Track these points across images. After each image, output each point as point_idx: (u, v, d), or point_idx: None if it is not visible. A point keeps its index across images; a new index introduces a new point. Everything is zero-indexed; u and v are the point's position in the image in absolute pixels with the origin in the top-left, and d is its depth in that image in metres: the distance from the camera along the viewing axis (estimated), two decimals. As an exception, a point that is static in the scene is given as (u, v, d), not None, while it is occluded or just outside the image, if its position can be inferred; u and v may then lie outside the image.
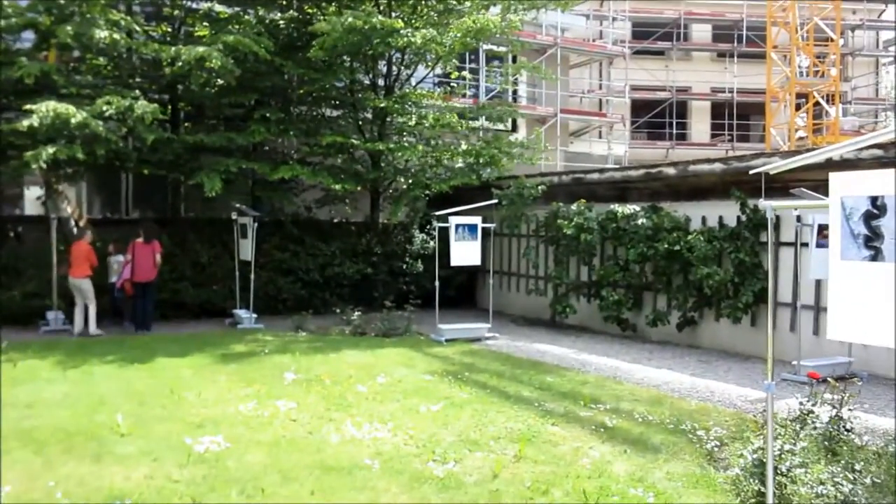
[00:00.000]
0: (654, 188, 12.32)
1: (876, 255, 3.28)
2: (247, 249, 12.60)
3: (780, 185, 10.13)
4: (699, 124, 30.37)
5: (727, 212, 11.00)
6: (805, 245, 8.94)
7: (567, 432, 6.22)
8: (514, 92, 22.30)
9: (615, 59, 26.80)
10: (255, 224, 12.41)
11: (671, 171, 11.87)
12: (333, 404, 6.94)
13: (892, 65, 32.78)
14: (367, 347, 10.26)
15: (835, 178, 3.43)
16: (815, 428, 5.80)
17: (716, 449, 5.91)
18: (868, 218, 3.30)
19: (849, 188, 3.36)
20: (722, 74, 29.51)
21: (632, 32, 28.59)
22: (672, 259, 11.32)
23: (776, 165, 3.93)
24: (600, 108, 26.71)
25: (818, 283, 9.74)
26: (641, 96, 28.60)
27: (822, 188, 8.82)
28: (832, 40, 26.61)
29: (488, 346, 11.03)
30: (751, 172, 3.26)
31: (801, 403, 6.05)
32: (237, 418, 6.43)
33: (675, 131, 29.09)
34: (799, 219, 9.14)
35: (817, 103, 26.55)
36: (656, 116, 29.27)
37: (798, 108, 26.35)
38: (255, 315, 12.46)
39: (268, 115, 13.39)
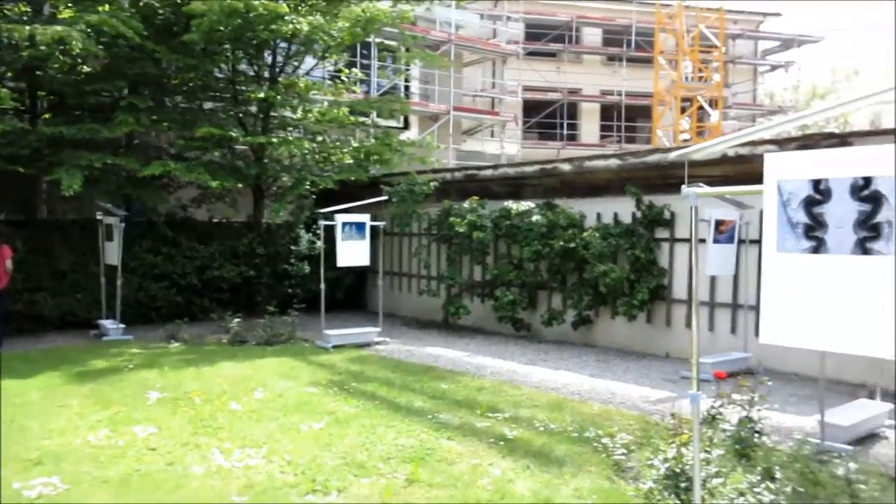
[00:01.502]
0: (548, 185, 12.01)
1: (818, 247, 2.85)
2: (113, 253, 11.42)
3: (676, 182, 10.01)
4: (589, 125, 30.73)
5: (623, 208, 10.80)
6: (702, 241, 8.76)
7: (464, 447, 5.65)
8: (407, 88, 21.74)
9: (508, 58, 26.66)
10: (123, 225, 11.27)
11: (566, 167, 11.57)
12: (201, 427, 6.10)
13: (769, 73, 34.32)
14: (245, 358, 9.38)
15: (771, 160, 2.99)
16: (724, 430, 5.49)
17: (623, 458, 5.50)
18: (809, 204, 2.87)
19: (787, 170, 2.92)
20: (611, 77, 29.97)
21: (525, 33, 28.59)
22: (567, 257, 11.02)
23: (698, 148, 3.48)
24: (493, 107, 26.50)
25: (713, 279, 9.63)
26: (533, 97, 28.64)
27: (716, 184, 8.69)
28: (716, 48, 27.49)
29: (378, 351, 10.37)
30: (672, 156, 2.89)
31: (711, 407, 5.74)
32: (84, 451, 5.49)
33: (565, 132, 29.30)
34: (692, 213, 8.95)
35: (701, 107, 27.35)
36: (548, 117, 29.41)
37: (683, 111, 27.04)
38: (122, 325, 11.29)
39: (137, 104, 12.21)
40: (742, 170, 9.23)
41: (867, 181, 2.69)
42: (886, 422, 6.32)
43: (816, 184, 2.83)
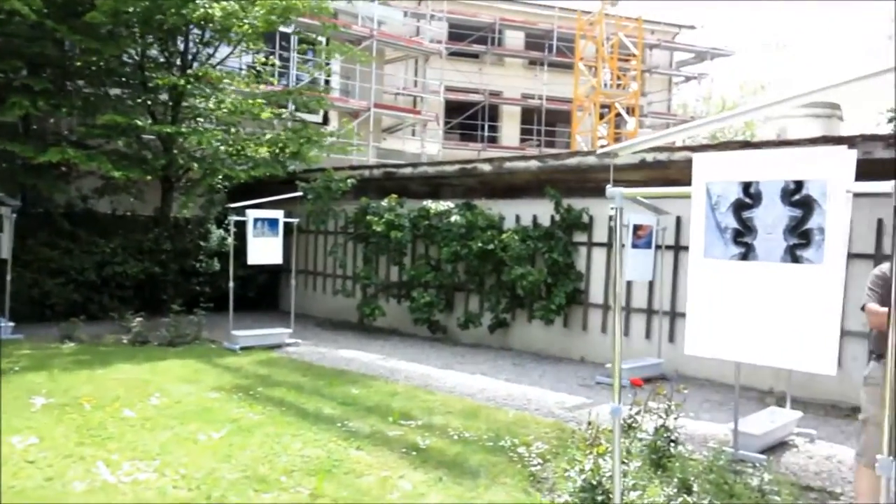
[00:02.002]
0: (468, 185, 11.83)
1: (746, 254, 2.70)
2: (3, 246, 10.61)
3: (595, 186, 9.99)
4: (510, 128, 30.84)
5: (542, 210, 10.71)
6: (621, 245, 8.72)
7: (374, 458, 5.36)
8: (327, 83, 21.23)
9: (431, 57, 26.48)
10: (14, 216, 10.49)
11: (486, 167, 11.42)
12: (88, 437, 5.59)
13: (683, 83, 35.26)
14: (145, 360, 8.82)
15: (700, 160, 2.82)
16: (640, 440, 5.39)
17: (539, 467, 5.33)
18: (738, 208, 2.72)
19: (716, 172, 2.77)
20: (533, 81, 30.14)
21: (448, 34, 28.42)
22: (485, 258, 10.87)
23: (624, 146, 3.31)
24: (415, 105, 26.27)
25: (629, 284, 9.63)
26: (455, 97, 28.52)
27: (636, 187, 8.70)
28: (634, 56, 28.00)
29: (289, 353, 9.95)
30: (598, 152, 2.72)
31: (629, 416, 5.63)
32: (-51, 460, 4.95)
33: (486, 133, 29.31)
34: (612, 218, 8.93)
35: (619, 114, 27.80)
36: (469, 118, 29.34)
37: (602, 117, 27.42)
38: (12, 324, 10.46)
39: (33, 86, 11.39)
40: (659, 175, 9.26)
41: (798, 185, 2.56)
42: (795, 430, 6.36)
43: (746, 186, 2.68)
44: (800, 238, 2.56)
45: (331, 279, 14.14)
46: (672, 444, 5.25)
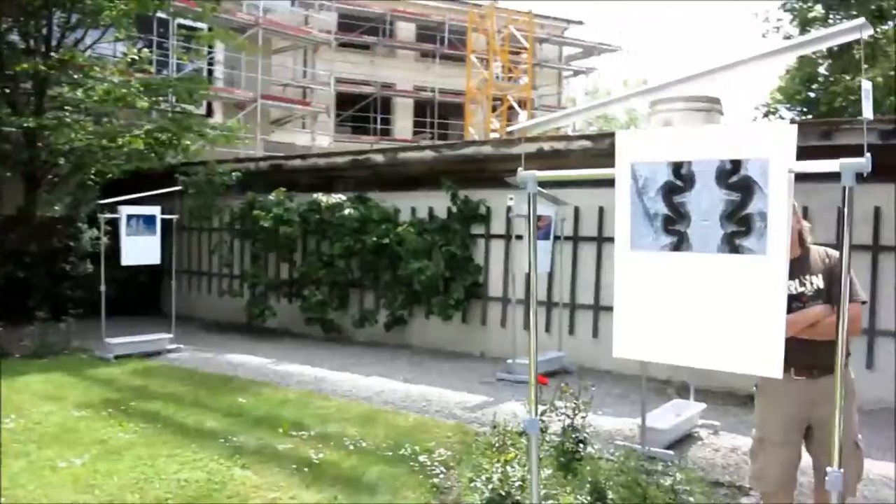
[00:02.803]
0: (361, 177, 11.34)
1: (679, 243, 2.39)
2: None
3: (491, 176, 9.73)
4: (403, 121, 30.40)
5: (438, 203, 10.36)
6: (519, 237, 8.48)
7: (261, 477, 4.84)
8: (210, 73, 20.18)
9: (321, 48, 25.71)
10: None
11: (380, 158, 10.97)
12: (-81, 468, 4.82)
13: (573, 77, 35.80)
14: (3, 375, 7.89)
15: (624, 139, 2.49)
16: (547, 442, 5.11)
17: (442, 477, 4.96)
18: (669, 192, 2.40)
19: (643, 151, 2.44)
20: (425, 74, 29.80)
21: (338, 24, 27.69)
22: (380, 253, 10.44)
23: (533, 123, 2.95)
24: (305, 97, 25.43)
25: (528, 276, 9.40)
26: (347, 89, 27.86)
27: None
28: (525, 50, 28.12)
29: (170, 360, 9.20)
30: (507, 130, 2.45)
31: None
32: None
33: (379, 126, 28.78)
34: (510, 210, 8.70)
35: (511, 107, 27.87)
36: (361, 111, 28.72)
37: (494, 110, 27.41)
38: None
39: None
40: (557, 165, 9.07)
41: (736, 165, 2.26)
42: (699, 422, 6.26)
43: (677, 168, 2.37)
44: (738, 225, 2.27)
45: (217, 279, 13.33)
46: (581, 445, 5.00)
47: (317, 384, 7.96)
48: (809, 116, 25.79)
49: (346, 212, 10.63)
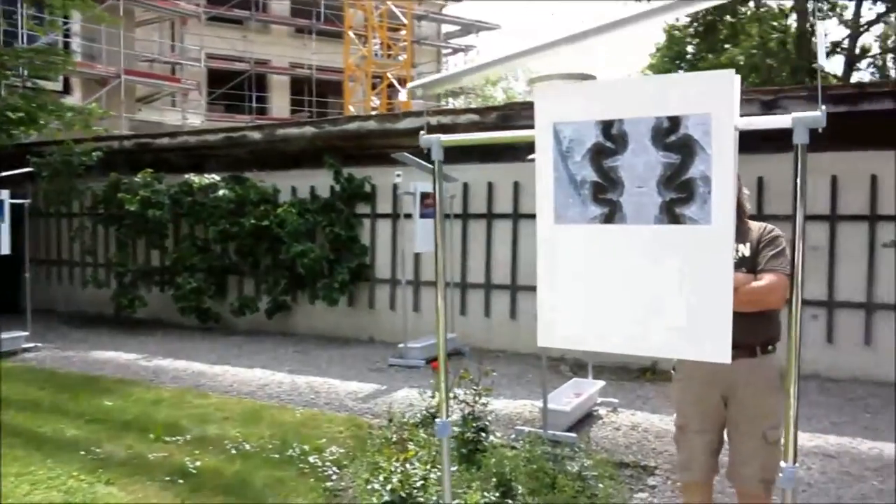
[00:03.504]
0: (237, 156, 10.62)
1: (611, 215, 2.08)
2: None
3: (376, 153, 9.30)
4: (279, 99, 29.26)
5: (320, 182, 9.83)
6: (408, 216, 8.11)
7: (130, 493, 4.26)
8: (67, 45, 18.54)
9: (189, 21, 24.26)
10: None
11: (256, 135, 10.29)
12: None
13: (452, 55, 35.61)
14: None
15: (544, 94, 2.15)
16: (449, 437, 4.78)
17: (336, 479, 4.55)
18: (598, 155, 2.08)
19: (566, 109, 2.10)
20: (301, 50, 28.75)
21: (208, -3, 26.23)
22: (260, 236, 9.82)
23: (436, 79, 2.56)
24: (173, 73, 23.96)
25: (417, 256, 9.07)
26: (219, 66, 26.46)
27: (419, 157, 8.07)
28: (404, 26, 27.60)
29: (25, 361, 8.28)
30: (408, 87, 2.11)
31: (430, 406, 5.02)
32: None
33: (254, 105, 27.56)
34: (397, 187, 8.33)
35: (391, 85, 27.35)
36: (235, 88, 27.37)
37: (374, 87, 26.81)
38: None
39: None
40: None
41: (674, 122, 1.96)
42: (598, 400, 6.13)
43: (607, 127, 2.04)
44: (678, 191, 1.98)
45: (80, 268, 12.24)
46: (482, 434, 4.71)
47: (194, 380, 7.35)
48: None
49: (221, 193, 9.93)
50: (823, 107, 1.84)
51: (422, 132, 2.39)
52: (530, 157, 4.47)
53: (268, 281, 10.11)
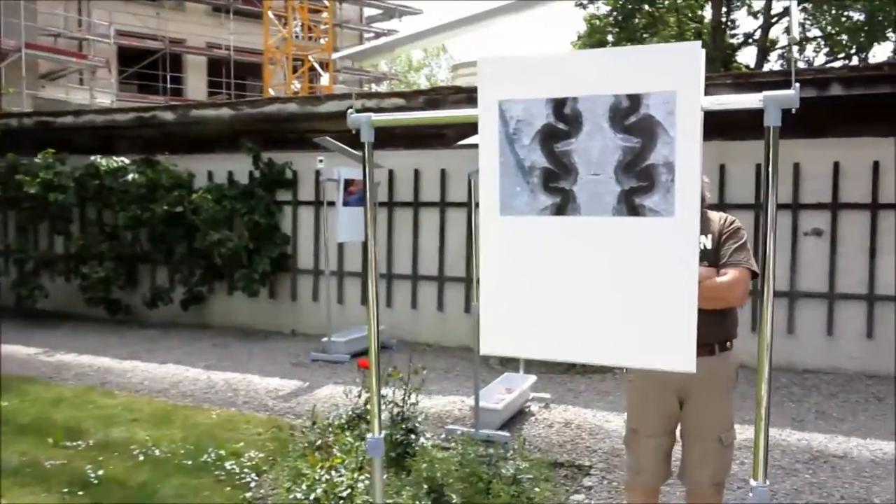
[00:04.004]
0: (148, 137, 10.01)
1: (563, 205, 1.85)
2: None
3: (297, 137, 8.91)
4: (196, 80, 28.17)
5: (238, 166, 9.35)
6: (332, 204, 7.77)
7: (19, 509, 3.86)
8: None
9: (96, -5, 23.05)
10: None
11: (169, 115, 9.71)
12: None
13: (374, 39, 35.02)
14: None
15: (488, 68, 1.89)
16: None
17: (255, 487, 4.24)
18: (549, 138, 1.85)
19: (514, 86, 1.86)
20: (219, 30, 27.71)
21: (117, -30, 24.95)
22: (174, 223, 9.29)
23: (364, 49, 2.28)
24: (80, 50, 22.71)
25: (341, 246, 8.73)
26: (130, 44, 25.24)
27: (343, 141, 7.73)
28: (326, 8, 26.92)
29: None
30: (339, 56, 1.87)
31: (361, 407, 4.74)
32: None
33: (169, 85, 26.44)
34: (319, 173, 7.98)
35: (312, 68, 26.68)
36: (148, 67, 26.19)
37: (295, 70, 26.10)
38: None
39: None
40: (370, 125, 8.45)
41: (634, 102, 1.75)
42: (530, 395, 5.97)
43: (559, 106, 1.81)
44: (639, 179, 1.77)
45: (-26, 256, 11.38)
46: (412, 436, 4.47)
47: (100, 377, 6.86)
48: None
49: (131, 177, 9.34)
50: (797, 84, 1.66)
51: (349, 111, 2.10)
52: (460, 143, 4.19)
53: (183, 271, 9.61)
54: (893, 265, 7.03)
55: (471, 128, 2.05)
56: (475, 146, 4.04)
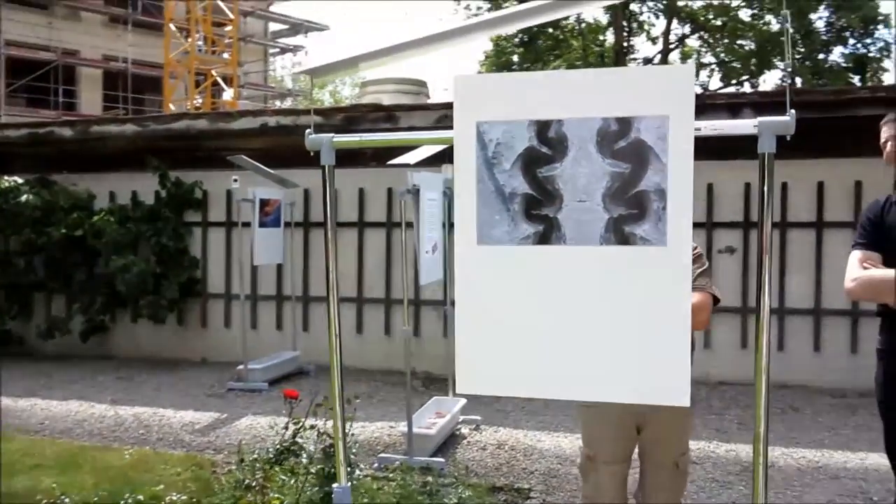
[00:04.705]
0: (44, 155, 9.37)
1: (547, 234, 1.73)
2: None
3: (207, 155, 8.58)
4: (90, 94, 26.92)
5: (143, 186, 8.86)
6: (246, 225, 7.45)
7: None
8: None
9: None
10: None
11: (67, 132, 9.13)
12: None
13: (279, 55, 34.50)
14: None
15: (466, 85, 1.76)
16: (307, 471, 4.28)
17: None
18: (532, 163, 1.73)
19: (494, 106, 1.73)
20: (115, 41, 26.63)
21: (3, -23, 23.61)
22: (72, 248, 8.73)
23: (328, 65, 2.11)
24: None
25: (255, 269, 8.39)
26: (20, 54, 23.92)
27: (257, 159, 7.47)
28: (230, 21, 26.27)
29: None
30: (299, 73, 1.74)
31: (283, 440, 4.48)
32: None
33: (61, 99, 25.15)
34: (233, 193, 7.66)
35: (216, 83, 25.96)
36: (39, 80, 24.85)
37: (197, 85, 25.33)
38: None
39: None
40: (284, 143, 8.17)
41: (625, 125, 1.65)
42: (461, 418, 5.85)
43: (543, 129, 1.70)
44: (629, 206, 1.67)
45: None
46: (348, 469, 4.24)
47: (-8, 417, 6.29)
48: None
49: (24, 198, 8.71)
50: (793, 111, 1.60)
51: (308, 132, 1.93)
52: (392, 162, 4.05)
53: (82, 299, 8.99)
54: (803, 280, 7.32)
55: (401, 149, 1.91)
56: (408, 165, 3.91)
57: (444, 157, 5.53)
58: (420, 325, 8.05)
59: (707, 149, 1.92)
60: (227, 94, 26.60)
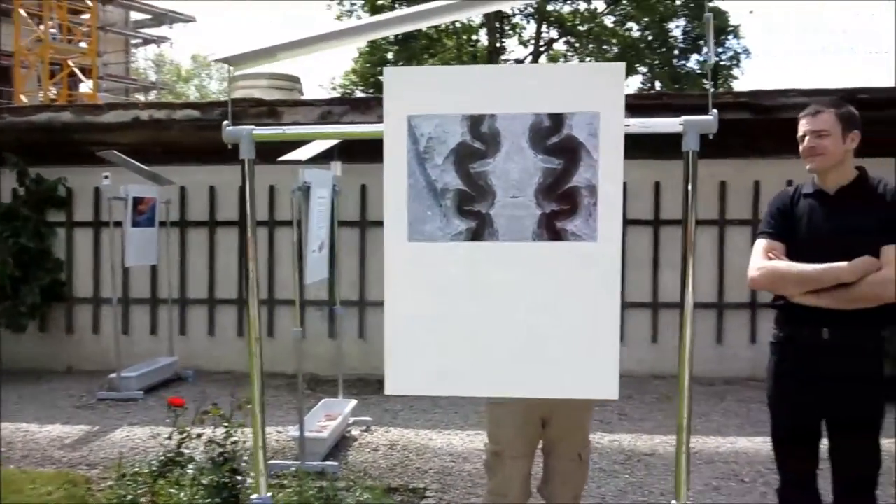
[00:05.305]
0: None
1: (480, 230, 1.71)
2: None
3: (73, 150, 8.05)
4: (-74, 83, 24.65)
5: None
6: (118, 224, 7.02)
7: None
8: None
9: None
10: None
11: None
12: None
13: (142, 46, 32.87)
14: None
15: (395, 78, 1.71)
16: (198, 483, 4.08)
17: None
18: (464, 158, 1.70)
19: (424, 98, 1.70)
20: (-45, 26, 24.49)
21: None
22: (-84, 251, 7.94)
23: (246, 53, 1.98)
24: None
25: (126, 271, 7.93)
26: None
27: (128, 154, 7.07)
28: (88, 9, 24.73)
29: None
30: (216, 60, 1.62)
31: (173, 451, 4.25)
32: None
33: None
34: (102, 191, 7.22)
35: (73, 74, 24.39)
36: None
37: (52, 75, 23.69)
38: None
39: None
40: (157, 137, 7.81)
41: (557, 121, 1.66)
42: (351, 420, 5.75)
43: (476, 123, 1.68)
44: (561, 202, 1.67)
45: None
46: (238, 478, 4.08)
47: None
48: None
49: None
50: (715, 111, 1.66)
51: (225, 123, 1.82)
52: (282, 158, 3.93)
53: (-74, 305, 8.20)
54: (673, 275, 7.70)
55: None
56: (300, 162, 3.81)
57: (333, 153, 5.44)
58: (304, 325, 7.87)
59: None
60: (86, 85, 25.06)
